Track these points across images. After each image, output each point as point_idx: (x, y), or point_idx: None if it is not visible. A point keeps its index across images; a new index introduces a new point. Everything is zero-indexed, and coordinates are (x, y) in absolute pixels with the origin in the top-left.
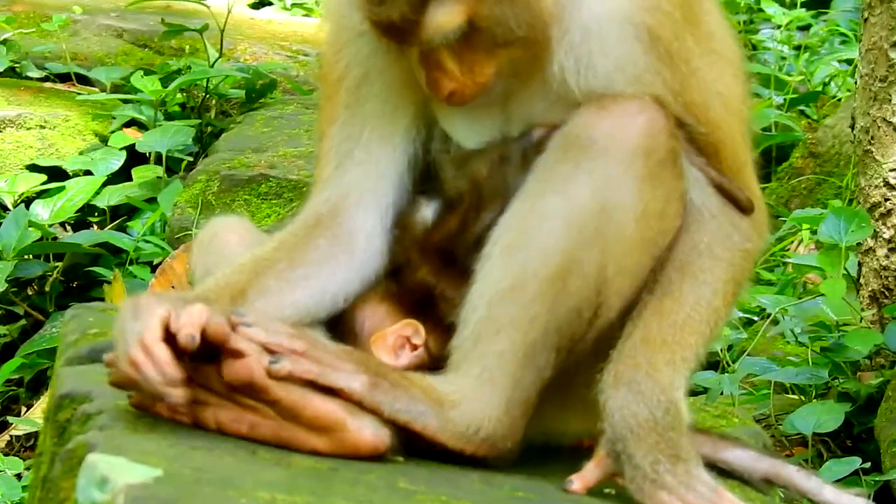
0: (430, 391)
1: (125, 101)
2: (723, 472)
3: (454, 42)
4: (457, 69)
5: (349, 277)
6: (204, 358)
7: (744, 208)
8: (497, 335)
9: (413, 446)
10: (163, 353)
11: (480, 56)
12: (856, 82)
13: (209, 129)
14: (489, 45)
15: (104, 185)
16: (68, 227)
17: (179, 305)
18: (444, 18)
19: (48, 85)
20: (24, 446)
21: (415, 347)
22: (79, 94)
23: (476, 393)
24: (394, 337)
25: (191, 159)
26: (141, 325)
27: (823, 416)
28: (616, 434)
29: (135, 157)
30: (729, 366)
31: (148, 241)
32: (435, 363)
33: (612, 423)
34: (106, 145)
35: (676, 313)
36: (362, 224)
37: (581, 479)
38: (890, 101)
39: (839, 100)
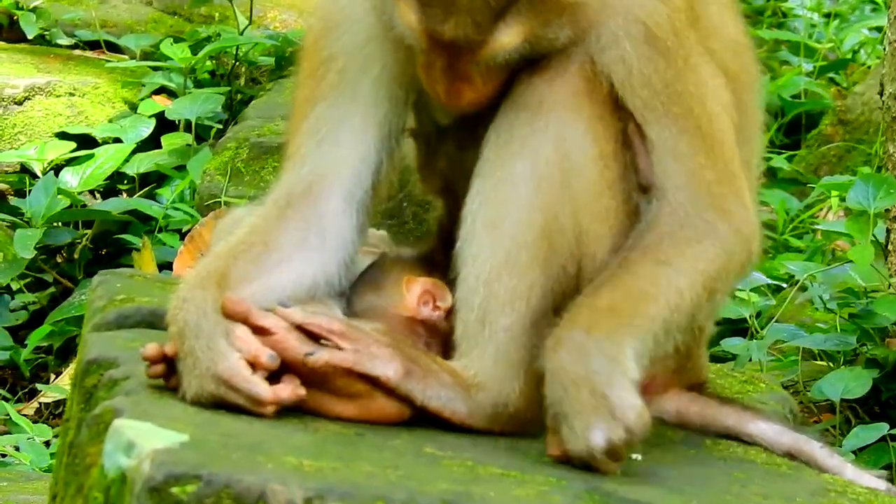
0: (456, 376)
1: (154, 69)
2: (746, 442)
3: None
4: (481, 81)
5: (324, 261)
6: None
7: None
8: (502, 311)
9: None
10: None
11: (507, 67)
12: (885, 49)
13: (238, 96)
14: (523, 58)
15: (133, 152)
16: (97, 195)
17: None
18: (507, 39)
19: (78, 52)
20: (53, 413)
21: (437, 308)
22: (108, 61)
23: (496, 372)
24: (423, 288)
25: (220, 127)
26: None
27: (851, 383)
28: (553, 396)
29: (164, 124)
30: (757, 332)
31: (177, 209)
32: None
33: (550, 385)
34: (135, 113)
35: (630, 285)
36: (335, 208)
37: (549, 447)
38: None
39: (868, 67)
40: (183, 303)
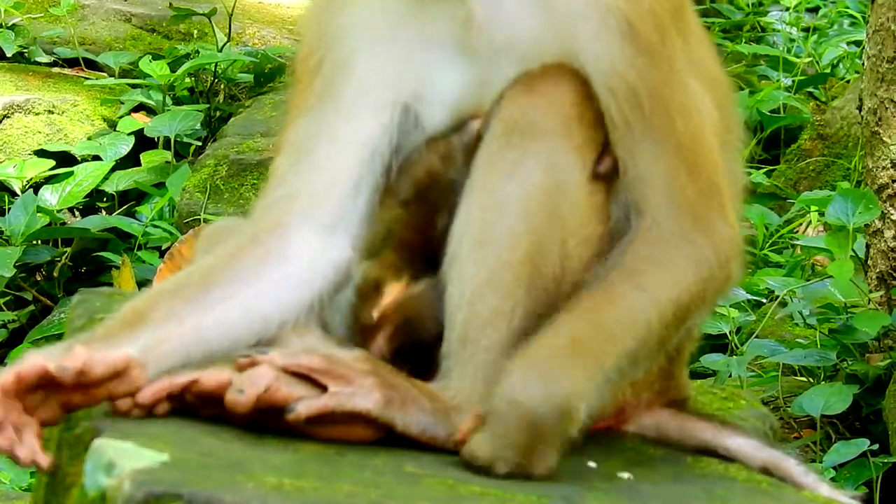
0: (435, 399)
1: (133, 86)
2: (724, 457)
3: None
4: None
5: (282, 298)
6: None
7: None
8: (483, 331)
9: None
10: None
11: None
12: (863, 64)
13: (217, 113)
14: None
15: (112, 170)
16: (77, 213)
17: (58, 353)
18: None
19: (56, 70)
20: None
21: None
22: (87, 78)
23: (474, 393)
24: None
25: (199, 144)
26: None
27: (832, 398)
28: (492, 407)
29: (143, 141)
30: (737, 348)
31: (156, 226)
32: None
33: (497, 397)
34: (114, 130)
35: (598, 315)
36: (306, 237)
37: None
38: None
39: (847, 81)
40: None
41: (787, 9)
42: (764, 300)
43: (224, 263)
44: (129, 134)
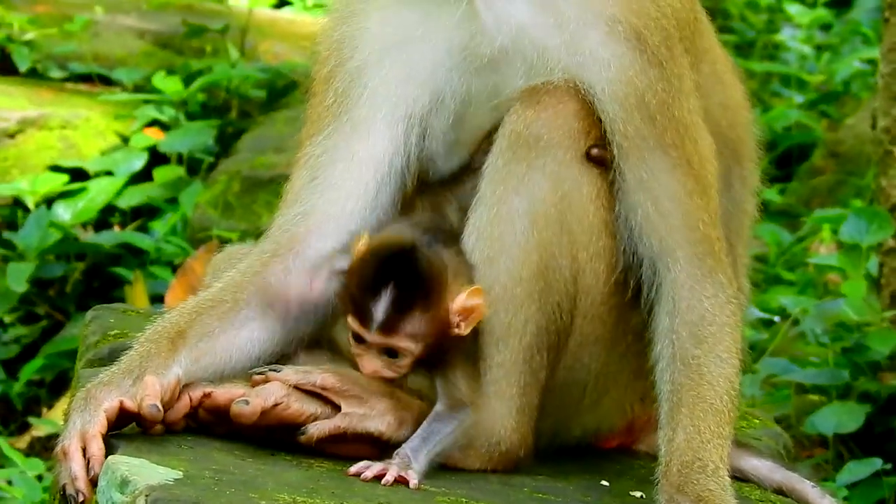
0: None
1: (147, 102)
2: (738, 478)
3: None
4: None
5: (305, 314)
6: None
7: None
8: (496, 346)
9: None
10: (96, 451)
11: None
12: (877, 82)
13: (230, 129)
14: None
15: (125, 185)
16: (90, 228)
17: (128, 384)
18: None
19: (70, 85)
20: (46, 447)
21: (460, 326)
22: (100, 94)
23: (487, 410)
24: (473, 304)
25: (212, 160)
26: (87, 416)
27: (844, 417)
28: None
29: (156, 157)
30: (750, 367)
31: (169, 242)
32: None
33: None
34: (127, 146)
35: (714, 401)
36: (323, 255)
37: None
38: None
39: (860, 99)
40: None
41: (800, 27)
42: (776, 318)
43: (249, 280)
44: (142, 149)
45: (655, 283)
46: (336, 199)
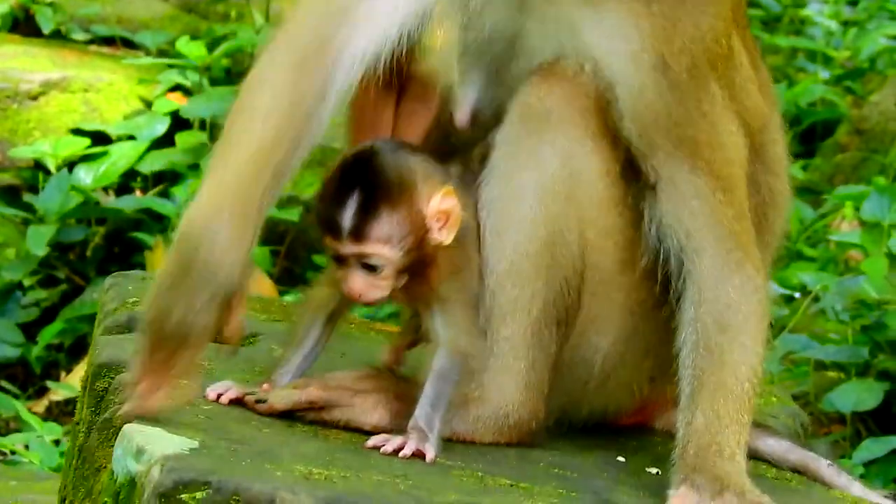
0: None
1: (170, 66)
2: (754, 457)
3: None
4: None
5: None
6: None
7: None
8: (504, 321)
9: None
10: None
11: None
12: None
13: None
14: None
15: (147, 150)
16: (111, 192)
17: None
18: None
19: (93, 48)
20: (63, 412)
21: (441, 231)
22: (124, 58)
23: (496, 384)
24: (449, 206)
25: None
26: None
27: (863, 395)
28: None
29: (179, 122)
30: (769, 343)
31: None
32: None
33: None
34: (150, 110)
35: (735, 387)
36: None
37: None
38: None
39: (886, 76)
40: None
41: (827, 2)
42: (797, 295)
43: None
44: (164, 114)
45: (682, 275)
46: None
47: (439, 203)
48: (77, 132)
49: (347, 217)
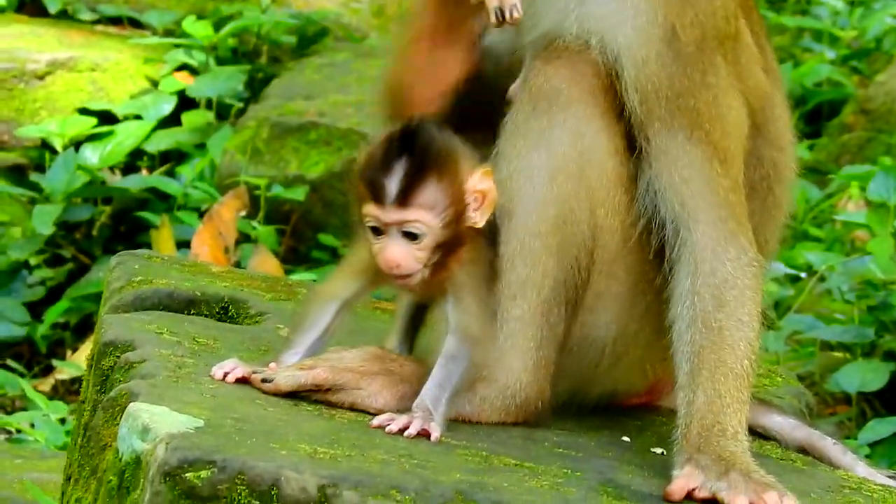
0: None
1: (177, 46)
2: (761, 435)
3: None
4: None
5: None
6: None
7: None
8: (513, 300)
9: None
10: None
11: None
12: None
13: (260, 75)
14: None
15: (154, 129)
16: (117, 172)
17: None
18: None
19: (100, 28)
20: (69, 390)
21: (475, 213)
22: (130, 37)
23: (503, 363)
24: (487, 187)
25: (241, 105)
26: None
27: (868, 375)
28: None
29: (185, 102)
30: (775, 322)
31: (196, 187)
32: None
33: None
34: (156, 90)
35: (735, 365)
36: None
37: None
38: None
39: (892, 56)
40: None
41: None
42: (803, 275)
43: None
44: (171, 94)
45: (677, 244)
46: None
47: (478, 181)
48: (83, 111)
49: (394, 182)
